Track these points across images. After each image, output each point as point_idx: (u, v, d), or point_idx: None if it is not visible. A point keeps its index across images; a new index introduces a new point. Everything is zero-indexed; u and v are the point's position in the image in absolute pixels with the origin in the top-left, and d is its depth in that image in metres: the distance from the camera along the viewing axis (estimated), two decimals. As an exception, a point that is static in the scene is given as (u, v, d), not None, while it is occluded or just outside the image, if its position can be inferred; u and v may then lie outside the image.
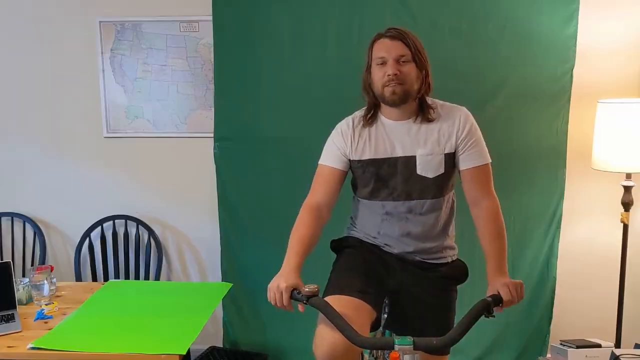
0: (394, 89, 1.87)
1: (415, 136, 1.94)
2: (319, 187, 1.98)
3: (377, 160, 1.95)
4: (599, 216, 3.03)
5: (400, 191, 1.96)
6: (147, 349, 2.00)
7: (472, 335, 1.67)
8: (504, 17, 2.86)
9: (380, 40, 1.92)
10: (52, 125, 3.22)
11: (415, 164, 1.93)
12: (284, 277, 1.73)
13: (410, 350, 1.49)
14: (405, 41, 1.88)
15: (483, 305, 1.62)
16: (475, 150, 1.95)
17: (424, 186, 1.95)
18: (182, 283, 3.22)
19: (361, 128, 1.99)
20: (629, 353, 2.24)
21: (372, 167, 1.96)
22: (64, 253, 3.34)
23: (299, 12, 2.93)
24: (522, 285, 1.75)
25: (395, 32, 1.90)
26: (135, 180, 3.24)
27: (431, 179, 1.94)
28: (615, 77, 2.91)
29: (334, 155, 1.99)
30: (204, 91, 3.12)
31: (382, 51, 1.89)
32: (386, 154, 1.95)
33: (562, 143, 2.95)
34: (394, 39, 1.88)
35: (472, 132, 1.96)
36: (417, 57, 1.89)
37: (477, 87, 2.92)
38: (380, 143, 1.96)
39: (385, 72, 1.87)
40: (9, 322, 2.22)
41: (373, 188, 1.99)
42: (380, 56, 1.89)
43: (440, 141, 1.94)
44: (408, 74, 1.88)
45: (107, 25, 3.10)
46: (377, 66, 1.91)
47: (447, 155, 1.94)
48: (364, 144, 1.97)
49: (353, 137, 1.98)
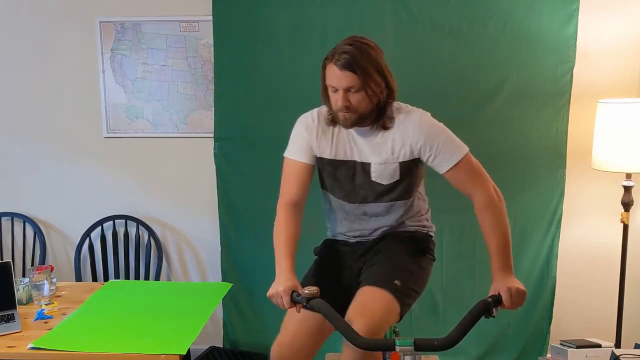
0: (346, 116, 1.83)
1: (372, 144, 1.91)
2: (291, 184, 1.96)
3: (336, 162, 1.95)
4: (599, 216, 3.03)
5: (356, 194, 1.96)
6: (147, 349, 2.00)
7: (472, 336, 1.67)
8: (503, 17, 2.86)
9: (330, 66, 1.81)
10: (52, 125, 3.22)
11: (370, 170, 1.92)
12: (281, 281, 1.75)
13: (411, 350, 1.49)
14: (355, 70, 1.76)
15: (483, 306, 1.62)
16: (443, 152, 1.88)
17: (380, 192, 1.94)
18: (182, 283, 3.22)
19: (325, 126, 1.95)
20: (629, 353, 2.24)
21: (330, 167, 1.96)
22: (64, 253, 3.34)
23: (299, 12, 2.93)
24: (525, 293, 1.71)
25: (345, 60, 1.76)
26: (135, 180, 3.24)
27: (386, 185, 1.93)
28: (615, 77, 2.91)
29: (301, 148, 1.96)
30: (204, 91, 3.12)
31: (332, 79, 1.81)
32: (345, 157, 1.94)
33: (562, 143, 2.95)
34: (343, 68, 1.77)
35: (431, 138, 1.87)
36: (369, 81, 1.79)
37: (477, 87, 2.93)
38: (340, 145, 1.94)
39: (337, 100, 1.82)
40: (9, 322, 2.22)
41: (331, 186, 2.01)
42: (330, 85, 1.83)
43: (394, 150, 1.89)
44: (359, 102, 1.81)
45: (107, 25, 3.10)
46: (330, 91, 1.85)
47: (403, 164, 1.90)
48: (325, 143, 1.95)
49: (317, 133, 1.95)
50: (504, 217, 1.87)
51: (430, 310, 3.07)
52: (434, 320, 3.08)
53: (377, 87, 1.81)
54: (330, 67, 1.81)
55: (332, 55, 1.81)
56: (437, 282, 3.04)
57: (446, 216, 3.00)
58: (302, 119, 2.01)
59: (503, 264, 1.79)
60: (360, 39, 1.83)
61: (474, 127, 2.94)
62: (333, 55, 1.80)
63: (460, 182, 1.90)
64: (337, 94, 1.81)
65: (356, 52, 1.77)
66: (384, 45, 2.91)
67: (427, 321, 3.07)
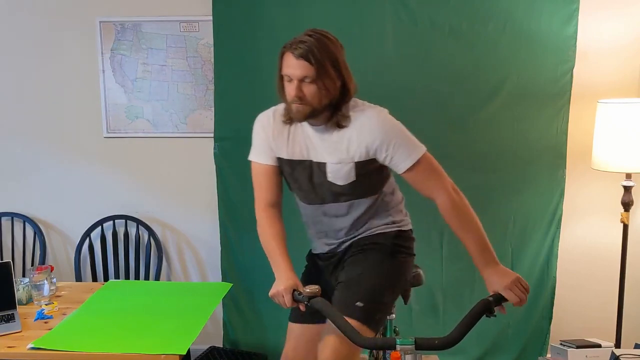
0: (298, 108, 1.78)
1: (327, 143, 1.86)
2: (262, 189, 1.94)
3: (293, 162, 1.91)
4: (599, 216, 3.03)
5: (315, 195, 1.93)
6: (147, 349, 2.00)
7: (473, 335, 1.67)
8: (503, 17, 2.86)
9: (287, 55, 1.77)
10: (52, 125, 3.22)
11: (326, 170, 1.87)
12: (281, 281, 1.76)
13: (412, 350, 1.49)
14: (310, 60, 1.73)
15: (484, 305, 1.62)
16: (400, 152, 1.82)
17: (337, 192, 1.90)
18: (182, 283, 3.22)
19: (282, 124, 1.91)
20: (629, 353, 2.24)
21: (287, 168, 1.93)
22: (64, 253, 3.34)
23: (299, 12, 2.93)
24: (520, 278, 1.71)
25: (302, 50, 1.73)
26: (135, 180, 3.24)
27: (343, 186, 1.88)
28: (615, 77, 2.91)
29: (262, 150, 1.94)
30: (204, 91, 3.12)
31: (287, 68, 1.77)
32: (302, 156, 1.90)
33: (562, 143, 2.95)
34: (299, 57, 1.73)
35: (388, 137, 1.81)
36: (324, 75, 1.75)
37: (477, 87, 2.93)
38: (297, 144, 1.90)
39: (290, 90, 1.78)
40: (9, 322, 2.22)
41: (293, 187, 1.99)
42: (286, 74, 1.78)
43: (349, 150, 1.83)
44: (312, 94, 1.76)
45: (107, 25, 3.10)
46: (285, 81, 1.81)
47: (359, 164, 1.84)
48: (282, 142, 1.91)
49: (273, 133, 1.92)
50: (472, 213, 1.84)
51: (430, 310, 3.07)
52: (434, 320, 3.08)
53: (331, 82, 1.77)
54: (287, 55, 1.77)
55: (290, 44, 1.77)
56: (437, 282, 3.04)
57: (446, 216, 3.01)
58: (259, 118, 1.98)
59: (488, 259, 1.77)
60: (321, 32, 1.79)
61: (473, 127, 2.95)
62: (291, 45, 1.76)
63: (419, 182, 1.86)
64: (291, 84, 1.77)
65: (314, 43, 1.74)
66: (384, 45, 2.96)
67: (427, 321, 3.07)
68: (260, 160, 1.94)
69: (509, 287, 1.68)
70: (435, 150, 2.95)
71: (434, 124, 2.94)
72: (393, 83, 2.93)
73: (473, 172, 2.96)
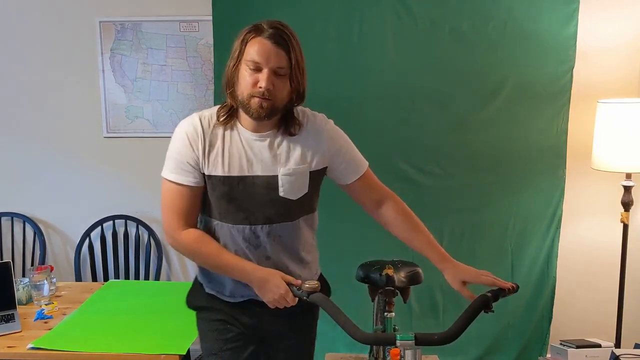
0: (262, 103, 1.55)
1: (277, 152, 1.64)
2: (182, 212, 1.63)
3: (231, 178, 1.62)
4: (599, 216, 3.03)
5: (259, 215, 1.64)
6: (147, 349, 2.00)
7: (472, 335, 1.68)
8: (504, 17, 2.86)
9: (258, 39, 1.55)
10: (52, 125, 3.22)
11: (278, 185, 1.63)
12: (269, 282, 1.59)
13: (412, 345, 1.50)
14: (288, 50, 1.55)
15: (482, 301, 1.62)
16: (351, 158, 1.73)
17: (287, 209, 1.66)
18: (182, 283, 3.22)
19: (212, 134, 1.62)
20: (629, 353, 2.24)
21: (223, 187, 1.62)
22: (64, 253, 3.34)
23: (299, 12, 2.93)
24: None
25: (280, 36, 1.55)
26: (135, 180, 3.24)
27: (294, 201, 1.66)
28: (615, 77, 2.91)
29: (185, 169, 1.62)
30: (204, 91, 3.12)
31: (258, 55, 1.54)
32: (242, 172, 1.62)
33: (562, 143, 2.95)
34: (278, 45, 1.54)
35: (342, 145, 1.72)
36: (296, 69, 1.57)
37: (477, 87, 2.93)
38: (235, 157, 1.62)
39: (257, 81, 1.54)
40: (9, 322, 2.22)
41: (225, 210, 1.64)
42: (255, 61, 1.54)
43: (306, 157, 1.66)
44: (281, 90, 1.57)
45: (107, 25, 3.10)
46: (248, 70, 1.56)
47: (314, 173, 1.68)
48: (215, 156, 1.62)
49: (204, 146, 1.61)
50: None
51: (430, 310, 3.07)
52: (434, 320, 3.07)
53: (301, 77, 1.60)
54: (258, 41, 1.55)
55: (257, 29, 1.56)
56: (437, 282, 3.03)
57: (446, 216, 3.01)
58: (181, 128, 1.67)
59: (445, 253, 1.72)
60: (287, 25, 1.62)
61: (474, 127, 2.95)
62: (261, 30, 1.56)
63: (370, 188, 1.77)
64: (259, 73, 1.54)
65: (289, 33, 1.58)
66: (384, 45, 2.96)
67: (427, 321, 3.07)
68: (181, 180, 1.62)
69: (479, 274, 1.67)
70: (436, 150, 3.00)
71: (434, 123, 2.95)
72: (393, 83, 2.93)
73: (473, 172, 2.96)
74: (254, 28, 1.57)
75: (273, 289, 1.59)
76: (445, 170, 2.99)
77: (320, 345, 1.98)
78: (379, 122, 2.95)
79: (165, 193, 1.65)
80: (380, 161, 3.01)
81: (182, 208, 1.63)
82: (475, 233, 3.02)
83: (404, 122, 2.96)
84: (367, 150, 1.81)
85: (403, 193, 2.10)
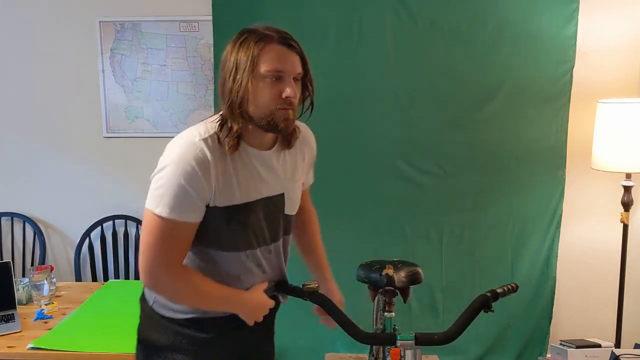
0: (288, 115, 1.40)
1: (281, 168, 1.54)
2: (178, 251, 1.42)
3: (249, 205, 1.46)
4: (599, 216, 3.03)
5: (266, 235, 1.54)
6: (147, 349, 2.00)
7: (473, 335, 1.68)
8: (504, 17, 2.86)
9: (272, 47, 1.37)
10: (52, 125, 3.22)
11: (284, 202, 1.55)
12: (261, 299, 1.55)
13: (412, 345, 1.50)
14: (302, 54, 1.42)
15: (482, 301, 1.62)
16: (311, 168, 1.73)
17: (287, 224, 1.60)
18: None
19: (219, 158, 1.40)
20: (629, 353, 2.24)
21: (240, 216, 1.45)
22: (64, 253, 3.34)
23: (299, 12, 2.93)
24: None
25: (290, 39, 1.40)
26: (135, 180, 3.24)
27: (292, 216, 1.62)
28: (615, 77, 2.91)
29: (194, 207, 1.39)
30: (204, 91, 3.12)
31: (278, 62, 1.37)
32: (257, 195, 1.48)
33: (562, 143, 2.95)
34: (291, 48, 1.39)
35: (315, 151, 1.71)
36: (308, 73, 1.46)
37: (477, 87, 2.93)
38: (249, 180, 1.46)
39: (281, 91, 1.38)
40: (9, 322, 2.22)
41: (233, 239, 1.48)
42: (278, 69, 1.37)
43: (300, 171, 1.61)
44: (298, 98, 1.45)
45: (107, 25, 3.10)
46: (267, 81, 1.37)
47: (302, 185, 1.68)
48: (229, 184, 1.42)
49: (217, 176, 1.39)
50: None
51: (430, 310, 3.07)
52: (434, 320, 3.08)
53: (310, 85, 1.49)
54: (272, 48, 1.37)
55: (263, 36, 1.37)
56: (437, 282, 3.04)
57: (446, 216, 3.01)
58: (185, 159, 1.36)
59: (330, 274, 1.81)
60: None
61: (473, 127, 2.95)
62: (267, 36, 1.37)
63: (308, 198, 1.80)
64: (281, 83, 1.38)
65: (291, 35, 1.43)
66: (384, 45, 2.96)
67: (427, 321, 3.07)
68: (185, 218, 1.38)
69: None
70: (435, 150, 3.00)
71: (433, 123, 2.95)
72: (393, 83, 2.93)
73: (473, 172, 2.97)
74: (259, 36, 1.37)
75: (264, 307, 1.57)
76: (444, 170, 2.99)
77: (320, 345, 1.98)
78: (379, 122, 2.95)
79: (153, 230, 1.38)
80: (380, 161, 3.04)
81: (177, 247, 1.42)
82: (475, 233, 3.02)
83: (403, 122, 2.96)
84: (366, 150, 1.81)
85: (403, 193, 2.10)
